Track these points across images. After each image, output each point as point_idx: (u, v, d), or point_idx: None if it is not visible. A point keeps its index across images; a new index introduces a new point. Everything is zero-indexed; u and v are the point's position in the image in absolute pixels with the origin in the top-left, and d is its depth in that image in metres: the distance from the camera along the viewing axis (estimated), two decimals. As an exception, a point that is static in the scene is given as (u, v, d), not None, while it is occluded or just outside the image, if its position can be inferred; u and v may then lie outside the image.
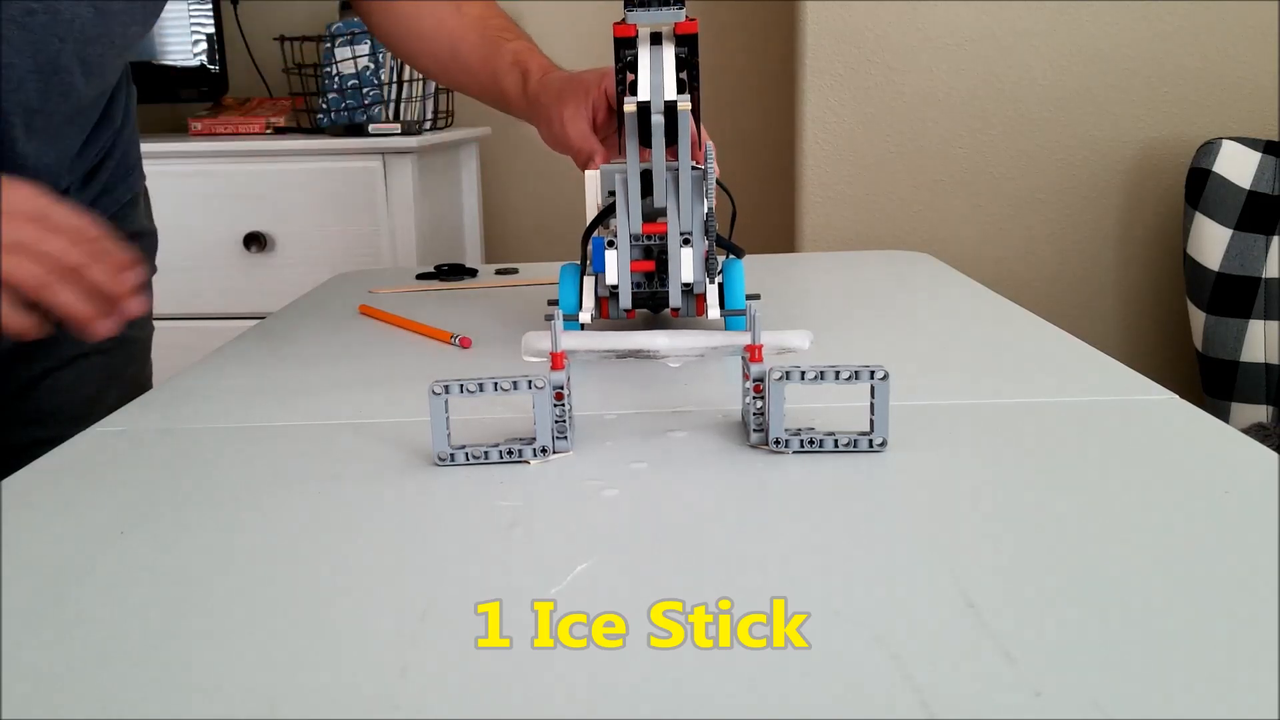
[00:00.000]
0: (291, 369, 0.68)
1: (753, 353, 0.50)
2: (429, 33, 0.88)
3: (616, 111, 0.68)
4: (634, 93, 0.60)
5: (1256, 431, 1.31)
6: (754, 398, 0.50)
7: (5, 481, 0.49)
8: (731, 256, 0.70)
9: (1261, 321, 1.37)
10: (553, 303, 0.69)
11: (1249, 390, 1.39)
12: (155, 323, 0.96)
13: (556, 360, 0.50)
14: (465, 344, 0.72)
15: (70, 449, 0.54)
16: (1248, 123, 1.46)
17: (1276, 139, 1.41)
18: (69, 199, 0.75)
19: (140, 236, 0.85)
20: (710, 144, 0.64)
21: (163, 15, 1.85)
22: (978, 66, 1.49)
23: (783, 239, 1.85)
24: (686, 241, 0.63)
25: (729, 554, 0.39)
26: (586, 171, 0.72)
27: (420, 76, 1.70)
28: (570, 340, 0.55)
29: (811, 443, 0.49)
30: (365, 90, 1.66)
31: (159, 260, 0.93)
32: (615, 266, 0.64)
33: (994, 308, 0.78)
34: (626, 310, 0.66)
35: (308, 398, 0.61)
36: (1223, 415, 1.40)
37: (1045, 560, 0.37)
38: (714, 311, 0.65)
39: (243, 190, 1.56)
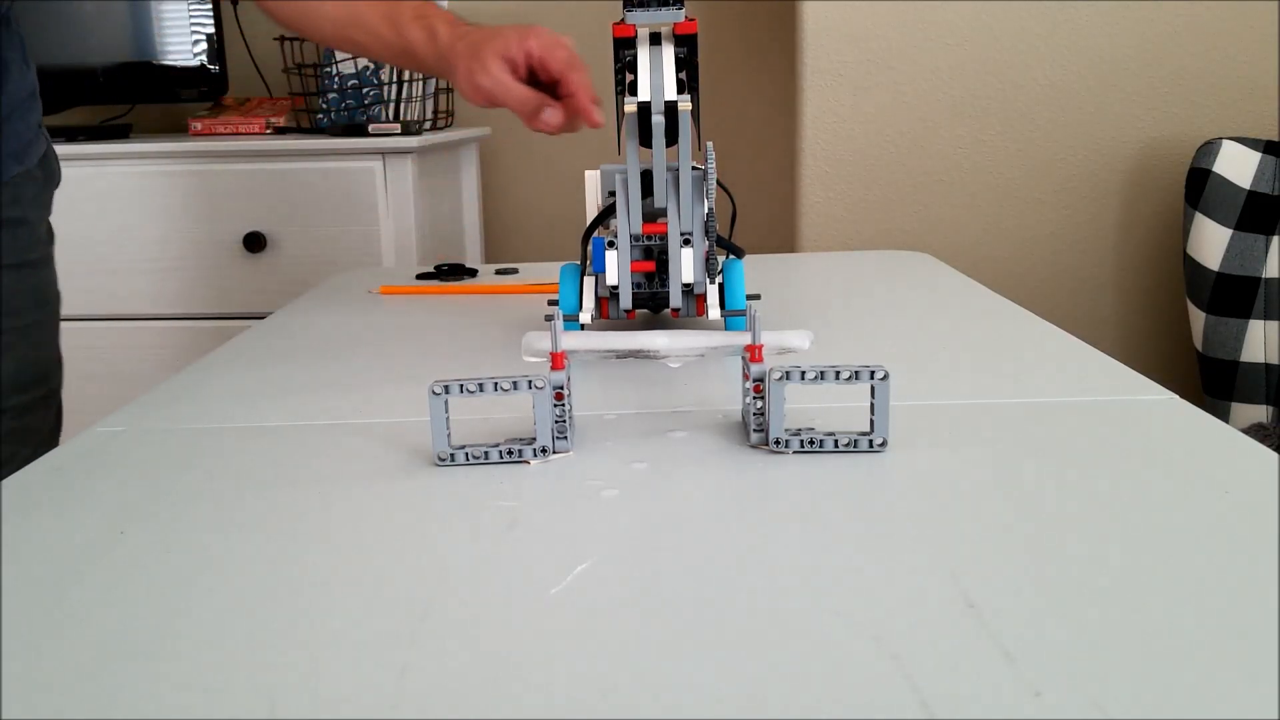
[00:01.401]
0: (291, 369, 0.68)
1: (753, 353, 0.50)
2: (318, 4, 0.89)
3: (616, 112, 0.68)
4: (634, 93, 0.60)
5: (1256, 431, 1.31)
6: (754, 398, 0.50)
7: (5, 481, 0.49)
8: (731, 257, 0.70)
9: (1261, 321, 1.37)
10: (553, 303, 0.69)
11: (1249, 390, 1.39)
12: (156, 323, 0.96)
13: (556, 360, 0.50)
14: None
15: (70, 449, 0.54)
16: (1248, 123, 1.46)
17: (1276, 139, 1.41)
18: None
19: (6, 225, 0.84)
20: (709, 143, 0.64)
21: (163, 16, 1.86)
22: (978, 66, 1.49)
23: (783, 239, 1.85)
24: (687, 242, 0.63)
25: (729, 554, 0.39)
26: (587, 172, 0.72)
27: (420, 77, 1.70)
28: (570, 340, 0.55)
29: (811, 443, 0.49)
30: (365, 90, 1.66)
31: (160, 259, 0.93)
32: (615, 267, 0.64)
33: (994, 308, 0.78)
34: (627, 310, 0.66)
35: (308, 397, 0.61)
36: (1223, 415, 1.40)
37: (1045, 560, 0.37)
38: (714, 312, 0.65)
39: (243, 190, 1.56)
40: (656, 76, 0.60)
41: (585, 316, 0.67)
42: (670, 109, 0.60)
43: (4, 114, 0.83)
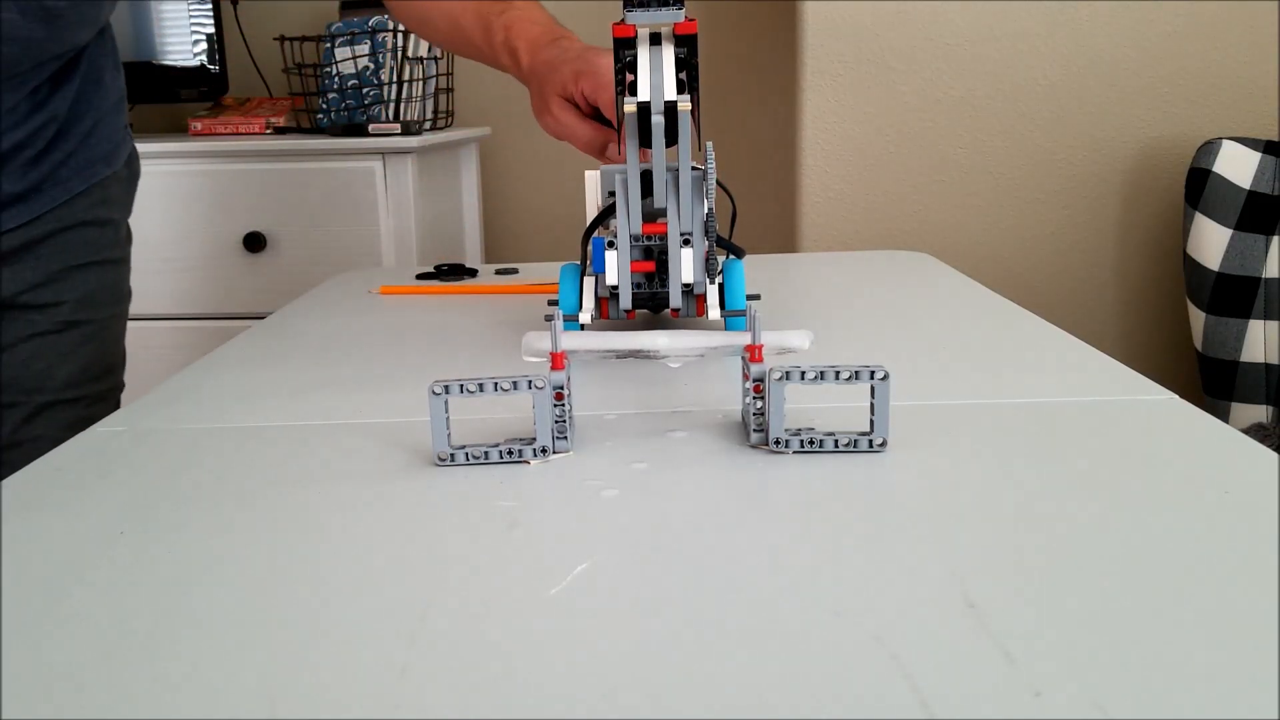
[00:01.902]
0: (291, 369, 0.68)
1: (753, 353, 0.50)
2: (430, 8, 0.92)
3: (616, 112, 0.68)
4: (634, 93, 0.60)
5: (1256, 431, 1.31)
6: (754, 398, 0.50)
7: (5, 481, 0.49)
8: (732, 257, 0.70)
9: (1261, 321, 1.38)
10: (553, 303, 0.69)
11: (1249, 390, 1.39)
12: (156, 322, 0.99)
13: (556, 360, 0.50)
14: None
15: (70, 449, 0.54)
16: (1248, 123, 1.46)
17: (1276, 139, 1.41)
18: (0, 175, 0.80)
19: (92, 225, 0.88)
20: (709, 143, 0.64)
21: (163, 16, 1.87)
22: (978, 66, 1.49)
23: (783, 239, 1.85)
24: (687, 242, 0.63)
25: (729, 554, 0.39)
26: (587, 172, 0.72)
27: (421, 77, 1.71)
28: (570, 340, 0.55)
29: (811, 443, 0.49)
30: (365, 90, 1.66)
31: (157, 257, 0.95)
32: (615, 267, 0.64)
33: (994, 308, 0.78)
34: (626, 311, 0.66)
35: (308, 397, 0.61)
36: (1223, 415, 1.40)
37: (1045, 560, 0.37)
38: (714, 312, 0.65)
39: (243, 190, 1.56)
40: (656, 77, 0.60)
41: (585, 316, 0.67)
42: (670, 109, 0.60)
43: (96, 120, 0.87)
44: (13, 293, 0.84)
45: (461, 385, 0.48)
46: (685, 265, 0.64)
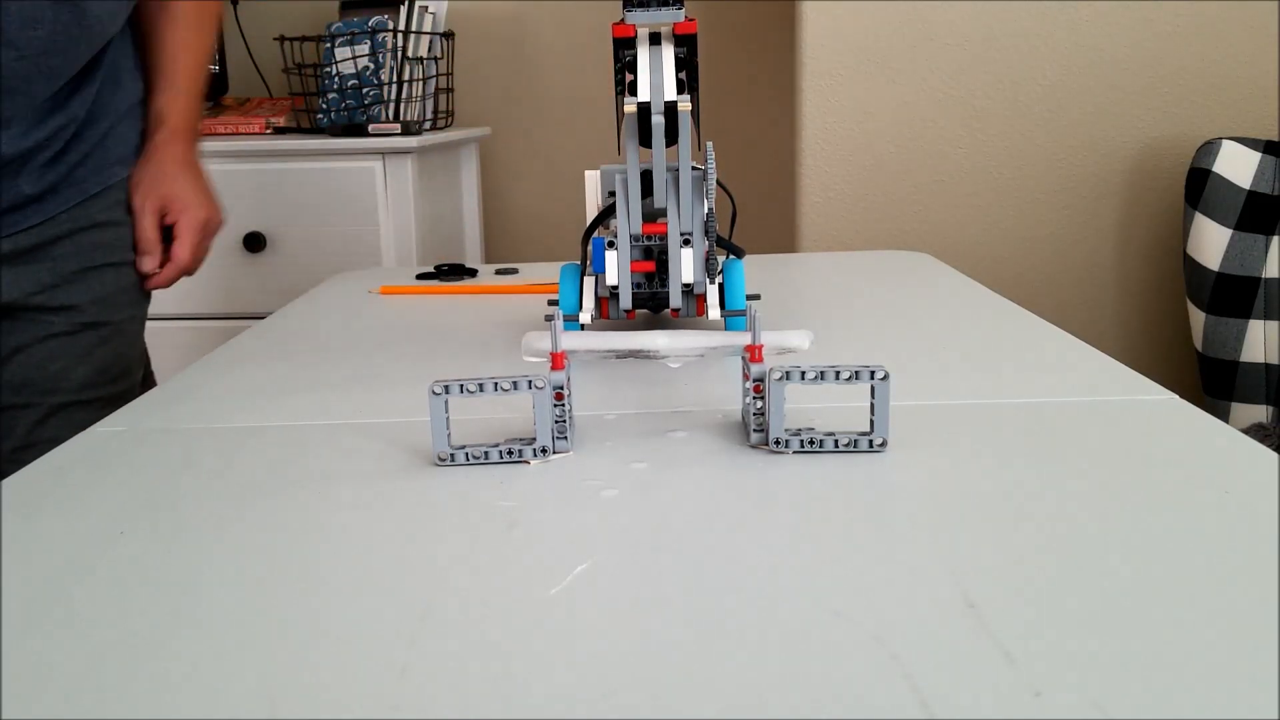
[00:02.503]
0: (291, 368, 0.68)
1: (753, 353, 0.50)
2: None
3: (616, 113, 0.68)
4: (634, 93, 0.60)
5: (1256, 431, 1.31)
6: (754, 398, 0.50)
7: (5, 481, 0.49)
8: (732, 257, 0.70)
9: (1261, 321, 1.37)
10: (553, 303, 0.69)
11: (1249, 390, 1.39)
12: (156, 322, 1.00)
13: (556, 360, 0.50)
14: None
15: (70, 449, 0.54)
16: (1248, 123, 1.46)
17: (1276, 139, 1.41)
18: (18, 176, 0.81)
19: (108, 226, 0.89)
20: (709, 143, 0.64)
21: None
22: (978, 66, 1.49)
23: (783, 239, 1.85)
24: (687, 242, 0.63)
25: (729, 554, 0.39)
26: (587, 172, 0.72)
27: (421, 77, 1.71)
28: (570, 340, 0.55)
29: (811, 443, 0.49)
30: (365, 90, 1.66)
31: None
32: (615, 267, 0.64)
33: (994, 308, 0.78)
34: (626, 311, 0.66)
35: (307, 397, 0.61)
36: (1223, 415, 1.40)
37: (1045, 560, 0.37)
38: (714, 312, 0.65)
39: (243, 190, 1.56)
40: (656, 77, 0.60)
41: (585, 316, 0.67)
42: (670, 109, 0.60)
43: (113, 122, 0.88)
44: (27, 293, 0.84)
45: (461, 385, 0.48)
46: (685, 265, 0.64)
